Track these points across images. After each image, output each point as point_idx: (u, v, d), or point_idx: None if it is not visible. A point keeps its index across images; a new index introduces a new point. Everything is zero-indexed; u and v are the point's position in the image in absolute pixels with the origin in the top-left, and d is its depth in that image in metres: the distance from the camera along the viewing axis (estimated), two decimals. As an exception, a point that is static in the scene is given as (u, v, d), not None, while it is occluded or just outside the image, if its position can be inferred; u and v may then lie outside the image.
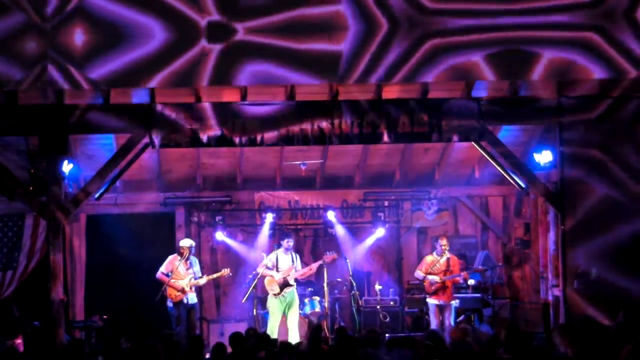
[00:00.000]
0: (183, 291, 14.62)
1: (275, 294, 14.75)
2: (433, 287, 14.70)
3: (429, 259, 14.99)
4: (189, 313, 14.77)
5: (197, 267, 14.97)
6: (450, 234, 17.24)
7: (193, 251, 15.03)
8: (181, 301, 14.63)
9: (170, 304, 14.63)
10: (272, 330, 14.47)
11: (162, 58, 11.48)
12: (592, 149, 13.28)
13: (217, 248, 17.02)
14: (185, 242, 14.98)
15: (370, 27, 11.57)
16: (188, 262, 14.82)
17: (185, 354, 9.69)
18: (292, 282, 14.85)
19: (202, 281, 14.96)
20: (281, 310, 14.73)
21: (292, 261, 14.95)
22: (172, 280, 14.62)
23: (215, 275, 15.20)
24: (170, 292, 14.61)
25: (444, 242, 14.83)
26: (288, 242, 14.98)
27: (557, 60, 11.72)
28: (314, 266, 15.13)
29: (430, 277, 14.70)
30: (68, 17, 11.44)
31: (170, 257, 14.88)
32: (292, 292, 14.85)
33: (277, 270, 14.83)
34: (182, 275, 14.73)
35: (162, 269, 14.73)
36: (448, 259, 14.80)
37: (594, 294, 13.14)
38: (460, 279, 14.92)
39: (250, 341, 10.22)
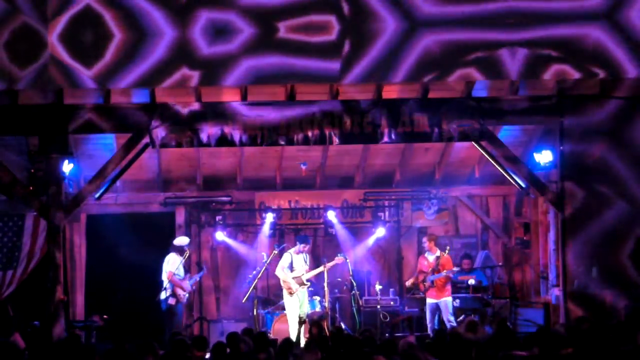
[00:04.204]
0: (185, 291, 14.77)
1: (291, 292, 14.83)
2: (424, 286, 15.05)
3: (421, 258, 15.39)
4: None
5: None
6: (450, 233, 17.28)
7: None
8: (183, 301, 14.81)
9: (173, 302, 14.77)
10: (294, 330, 14.48)
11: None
12: (592, 148, 13.28)
13: (217, 248, 17.02)
14: (184, 240, 15.06)
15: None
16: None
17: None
18: (306, 281, 14.98)
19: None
20: (298, 308, 14.80)
21: (305, 262, 15.09)
22: (180, 281, 14.82)
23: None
24: (179, 292, 14.73)
25: (424, 239, 15.41)
26: (304, 247, 15.13)
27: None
28: (329, 266, 15.14)
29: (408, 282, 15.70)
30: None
31: (174, 257, 14.93)
32: (305, 291, 15.01)
33: (292, 270, 14.95)
34: (183, 275, 14.84)
35: (171, 269, 14.78)
36: (438, 257, 14.91)
37: (595, 293, 13.16)
38: (442, 278, 14.85)
39: (248, 343, 10.17)
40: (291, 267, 15.00)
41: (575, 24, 12.08)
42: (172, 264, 14.84)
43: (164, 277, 14.85)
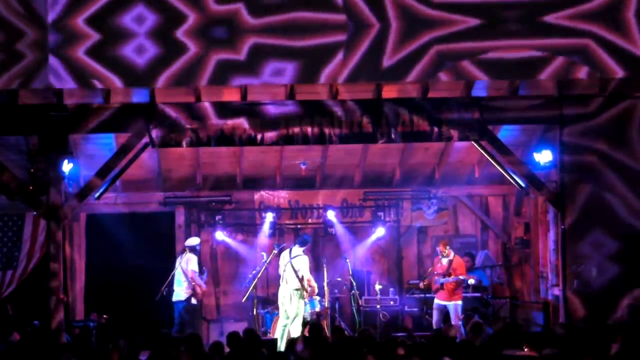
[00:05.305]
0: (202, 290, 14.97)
1: (312, 295, 14.81)
2: (433, 287, 15.01)
3: (436, 260, 15.29)
4: None
5: None
6: (450, 233, 17.27)
7: None
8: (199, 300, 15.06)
9: (194, 301, 14.89)
10: (297, 331, 14.47)
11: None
12: (591, 148, 13.29)
13: (217, 248, 17.02)
14: (196, 240, 15.19)
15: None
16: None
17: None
18: None
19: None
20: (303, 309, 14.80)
21: None
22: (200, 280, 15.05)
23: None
24: (199, 291, 14.81)
25: (438, 247, 15.24)
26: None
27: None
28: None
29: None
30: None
31: (193, 257, 14.94)
32: None
33: None
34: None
35: (194, 268, 14.88)
36: (450, 261, 14.89)
37: (595, 293, 13.17)
38: (452, 283, 14.83)
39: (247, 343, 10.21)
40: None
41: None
42: (194, 264, 14.87)
43: (181, 276, 14.76)
